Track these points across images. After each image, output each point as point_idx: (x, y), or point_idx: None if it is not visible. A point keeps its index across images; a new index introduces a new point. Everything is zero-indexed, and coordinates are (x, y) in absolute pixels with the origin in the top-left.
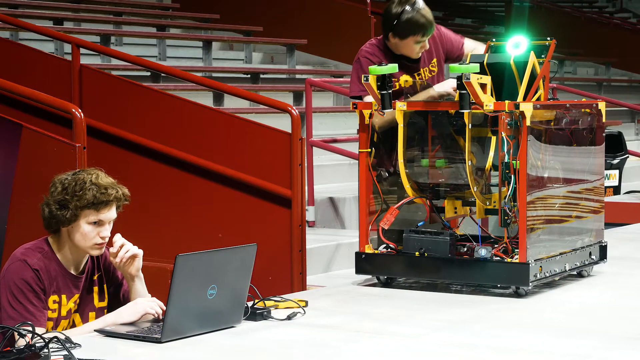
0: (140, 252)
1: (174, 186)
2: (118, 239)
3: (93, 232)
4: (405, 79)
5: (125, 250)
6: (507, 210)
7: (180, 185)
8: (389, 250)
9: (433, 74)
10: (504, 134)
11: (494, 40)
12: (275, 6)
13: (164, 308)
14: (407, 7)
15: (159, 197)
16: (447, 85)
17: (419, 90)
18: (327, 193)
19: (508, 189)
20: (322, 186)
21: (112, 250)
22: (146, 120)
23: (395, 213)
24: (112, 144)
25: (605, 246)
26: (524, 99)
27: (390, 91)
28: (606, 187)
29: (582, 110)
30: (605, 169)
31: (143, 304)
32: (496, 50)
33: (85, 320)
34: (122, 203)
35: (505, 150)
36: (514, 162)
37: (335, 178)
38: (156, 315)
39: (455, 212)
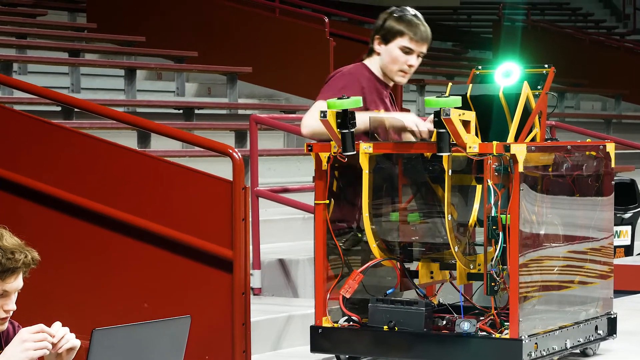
0: (78, 343)
1: (89, 245)
2: (58, 327)
3: None
4: None
5: (66, 341)
6: (494, 275)
7: (97, 244)
8: (351, 323)
9: None
10: (490, 182)
11: (479, 67)
12: (213, 27)
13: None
14: (398, 9)
15: (71, 258)
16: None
17: (388, 128)
18: (277, 254)
19: (495, 249)
20: (270, 245)
21: (54, 340)
22: (56, 165)
23: (359, 278)
24: (13, 194)
25: (615, 318)
26: (516, 139)
27: (352, 130)
28: (616, 247)
29: (587, 153)
30: (615, 225)
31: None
32: (482, 81)
33: None
34: (30, 268)
35: (492, 202)
36: (503, 216)
37: (286, 236)
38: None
39: (432, 278)
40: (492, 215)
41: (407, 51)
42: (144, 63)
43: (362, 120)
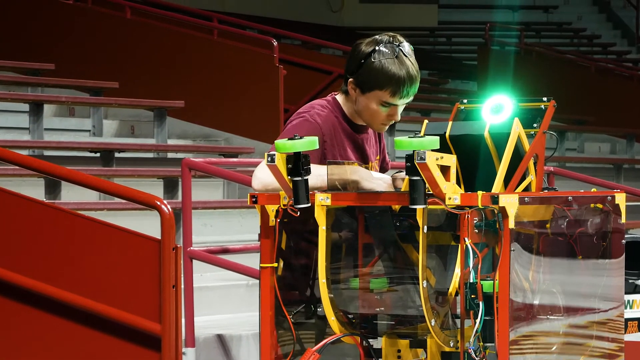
0: None
1: None
2: None
3: None
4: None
5: None
6: (473, 354)
7: None
8: None
9: None
10: (468, 241)
11: (464, 101)
12: (137, 53)
13: None
14: (382, 47)
15: None
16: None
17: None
18: (215, 328)
19: (475, 323)
20: (206, 318)
21: None
22: None
23: (315, 358)
24: None
25: None
26: (506, 188)
27: (306, 177)
28: (627, 320)
29: (592, 205)
30: (626, 293)
31: None
32: (467, 117)
33: None
34: None
35: (471, 266)
36: (483, 282)
37: (226, 306)
38: None
39: (399, 358)
40: (470, 281)
41: (388, 106)
42: (54, 96)
43: (317, 174)
